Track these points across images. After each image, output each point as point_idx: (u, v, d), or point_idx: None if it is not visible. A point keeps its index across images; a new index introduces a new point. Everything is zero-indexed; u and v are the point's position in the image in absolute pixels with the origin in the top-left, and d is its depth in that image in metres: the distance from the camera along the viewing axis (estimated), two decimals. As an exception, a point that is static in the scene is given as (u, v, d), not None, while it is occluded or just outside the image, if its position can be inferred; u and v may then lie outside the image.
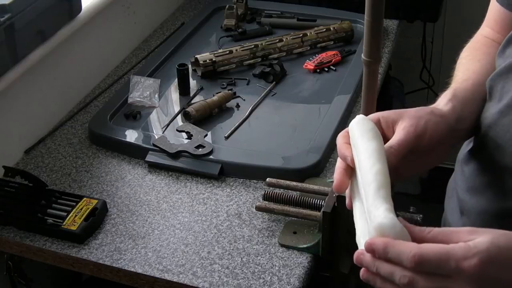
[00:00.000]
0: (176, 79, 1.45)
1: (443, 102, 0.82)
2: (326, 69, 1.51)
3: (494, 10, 0.94)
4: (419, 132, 0.75)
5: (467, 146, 0.91)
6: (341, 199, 0.98)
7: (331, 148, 1.25)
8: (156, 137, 1.27)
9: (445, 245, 0.60)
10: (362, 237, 0.68)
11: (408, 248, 0.60)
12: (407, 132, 0.75)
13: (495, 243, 0.60)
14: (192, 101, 1.40)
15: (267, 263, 1.03)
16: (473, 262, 0.58)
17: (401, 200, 0.86)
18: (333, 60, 1.52)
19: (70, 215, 1.09)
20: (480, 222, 0.83)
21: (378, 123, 0.77)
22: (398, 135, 0.75)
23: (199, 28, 1.71)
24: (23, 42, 1.20)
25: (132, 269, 1.02)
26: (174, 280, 1.00)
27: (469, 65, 0.90)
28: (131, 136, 1.30)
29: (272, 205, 1.10)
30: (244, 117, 1.35)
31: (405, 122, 0.76)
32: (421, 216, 0.96)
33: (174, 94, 1.46)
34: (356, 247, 0.68)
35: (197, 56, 1.49)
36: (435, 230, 0.63)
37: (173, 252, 1.05)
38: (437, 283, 0.60)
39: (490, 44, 0.93)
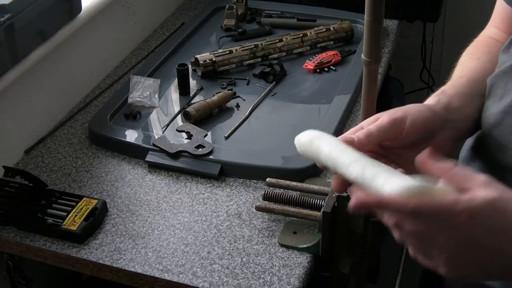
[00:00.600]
0: (176, 79, 1.45)
1: (428, 99, 0.82)
2: (326, 69, 1.51)
3: (500, 9, 0.94)
4: (396, 116, 0.73)
5: (468, 144, 0.91)
6: (341, 199, 0.98)
7: (331, 148, 1.25)
8: (156, 137, 1.27)
9: (437, 199, 0.60)
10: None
11: (403, 204, 0.60)
12: (383, 118, 0.74)
13: (490, 204, 0.60)
14: (192, 101, 1.40)
15: (267, 263, 1.03)
16: (462, 216, 0.59)
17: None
18: (333, 60, 1.52)
19: (70, 215, 1.09)
20: None
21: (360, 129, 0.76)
22: (375, 123, 0.74)
23: (199, 28, 1.71)
24: (23, 42, 1.20)
25: (132, 269, 1.02)
26: (174, 280, 1.00)
27: (467, 63, 0.91)
28: (131, 136, 1.30)
29: (272, 205, 1.10)
30: (244, 117, 1.35)
31: (384, 114, 0.75)
32: None
33: (174, 94, 1.46)
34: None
35: (197, 56, 1.49)
36: (456, 170, 0.63)
37: (173, 252, 1.05)
38: (424, 227, 0.61)
39: (492, 44, 0.93)
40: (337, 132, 1.29)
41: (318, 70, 1.50)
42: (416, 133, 0.75)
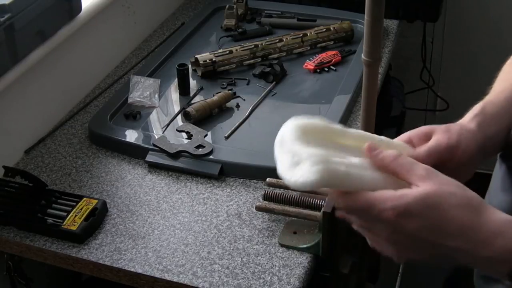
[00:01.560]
0: (176, 79, 1.45)
1: (468, 118, 0.79)
2: (326, 69, 1.51)
3: None
4: (452, 143, 0.74)
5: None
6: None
7: (331, 148, 1.25)
8: (156, 137, 1.27)
9: (370, 195, 0.64)
10: None
11: (337, 200, 0.66)
12: (439, 142, 0.74)
13: (421, 200, 0.62)
14: (192, 101, 1.40)
15: (267, 263, 1.03)
16: (390, 213, 0.62)
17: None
18: (333, 60, 1.52)
19: (70, 215, 1.09)
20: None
21: (410, 142, 0.75)
22: (430, 143, 0.74)
23: (199, 28, 1.71)
24: (23, 42, 1.20)
25: (132, 269, 1.02)
26: (174, 280, 1.00)
27: (507, 74, 0.88)
28: (131, 136, 1.30)
29: (272, 205, 1.10)
30: (244, 117, 1.35)
31: (438, 134, 0.75)
32: None
33: (174, 94, 1.46)
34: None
35: (197, 56, 1.49)
36: (398, 161, 0.66)
37: (173, 252, 1.05)
38: (364, 222, 0.67)
39: None
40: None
41: (318, 70, 1.50)
42: (461, 162, 0.75)
